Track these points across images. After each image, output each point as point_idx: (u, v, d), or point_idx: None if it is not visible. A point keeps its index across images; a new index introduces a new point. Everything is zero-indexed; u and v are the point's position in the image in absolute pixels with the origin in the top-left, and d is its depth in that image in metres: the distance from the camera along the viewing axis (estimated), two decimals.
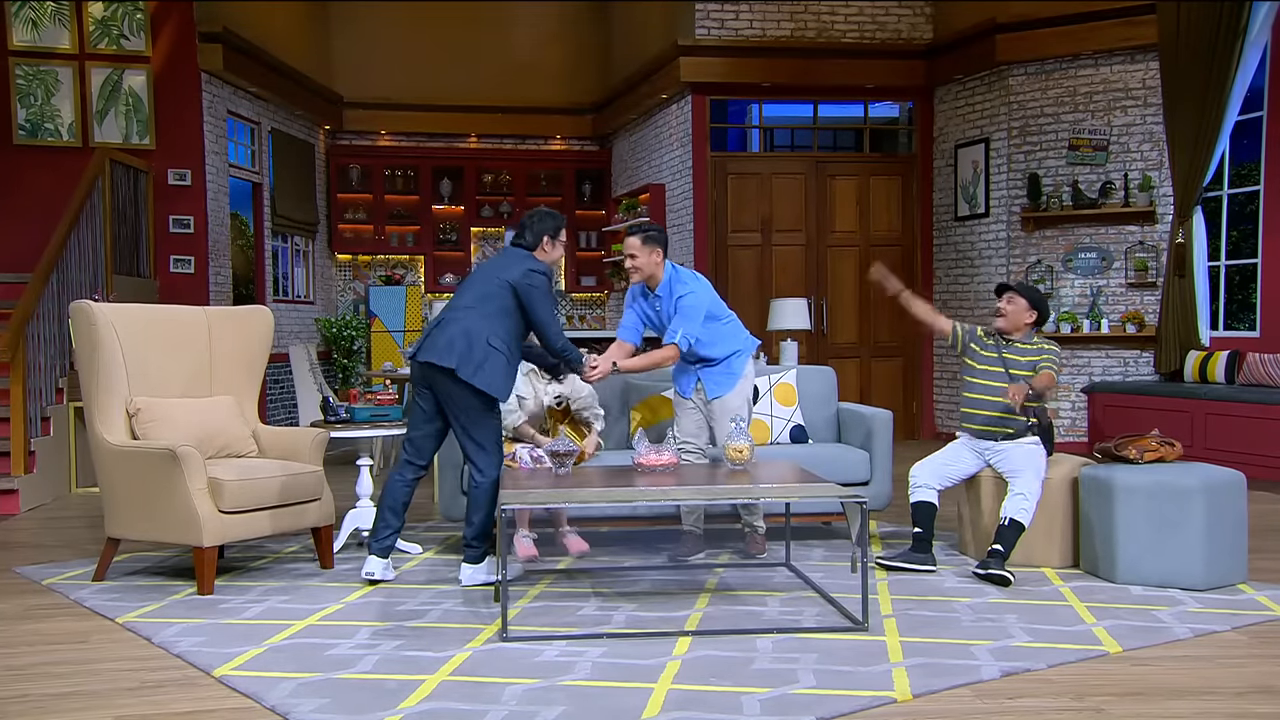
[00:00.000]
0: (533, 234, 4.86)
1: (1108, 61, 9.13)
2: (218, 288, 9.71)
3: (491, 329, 4.64)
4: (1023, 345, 5.16)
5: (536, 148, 13.09)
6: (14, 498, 6.80)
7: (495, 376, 4.62)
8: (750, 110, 11.69)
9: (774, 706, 3.25)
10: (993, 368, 5.15)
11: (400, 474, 4.83)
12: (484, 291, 4.72)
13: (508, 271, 4.73)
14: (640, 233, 5.11)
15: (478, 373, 4.58)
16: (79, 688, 3.52)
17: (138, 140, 9.29)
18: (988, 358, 5.19)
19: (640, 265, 5.10)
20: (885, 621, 4.17)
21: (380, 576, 4.78)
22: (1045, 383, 4.94)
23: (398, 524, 4.81)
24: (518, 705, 3.28)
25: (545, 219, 4.89)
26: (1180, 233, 8.65)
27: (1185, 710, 3.28)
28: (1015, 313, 5.16)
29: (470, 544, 4.77)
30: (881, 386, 10.28)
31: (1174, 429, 7.39)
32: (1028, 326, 5.18)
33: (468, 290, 4.78)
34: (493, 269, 4.81)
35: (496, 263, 4.86)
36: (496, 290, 4.70)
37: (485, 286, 4.73)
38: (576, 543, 5.14)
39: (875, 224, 10.38)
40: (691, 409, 5.26)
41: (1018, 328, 5.17)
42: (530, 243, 4.85)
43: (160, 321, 5.27)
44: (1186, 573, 4.63)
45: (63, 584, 4.87)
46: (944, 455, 5.23)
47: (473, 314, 4.67)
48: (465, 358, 4.58)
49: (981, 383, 5.17)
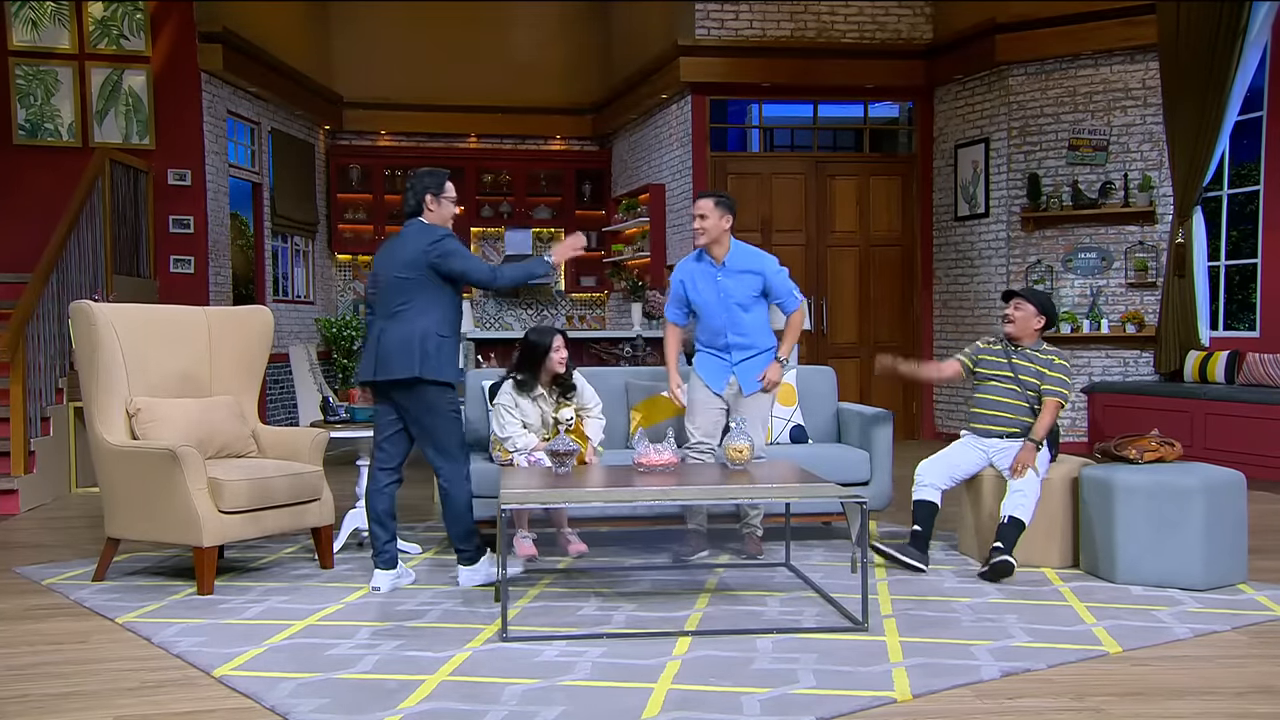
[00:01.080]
0: (415, 198, 4.73)
1: (1107, 61, 9.13)
2: (218, 288, 9.71)
3: (433, 321, 4.57)
4: (1031, 352, 5.16)
5: (536, 148, 13.08)
6: (14, 498, 6.80)
7: (445, 363, 4.59)
8: (750, 110, 11.68)
9: (774, 706, 3.25)
10: (1002, 373, 5.17)
11: (375, 483, 4.77)
12: (400, 289, 4.59)
13: (408, 254, 4.59)
14: (714, 196, 5.11)
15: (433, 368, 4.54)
16: (79, 688, 3.52)
17: (138, 140, 9.29)
18: (997, 364, 5.21)
19: (709, 227, 5.05)
20: (885, 621, 4.17)
21: (391, 587, 4.72)
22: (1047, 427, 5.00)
23: (389, 533, 4.76)
24: (517, 705, 3.27)
25: (422, 178, 4.75)
26: (1180, 233, 8.65)
27: (1185, 710, 3.28)
28: (1023, 319, 5.16)
29: (459, 549, 4.75)
30: (882, 387, 10.26)
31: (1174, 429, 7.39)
32: (1036, 333, 5.19)
33: (385, 295, 4.65)
34: (393, 264, 4.64)
35: (393, 252, 4.70)
36: (413, 281, 4.57)
37: (398, 283, 4.60)
38: (576, 545, 5.14)
39: (875, 224, 10.39)
40: (715, 407, 5.20)
41: (1027, 334, 5.18)
42: (414, 207, 4.73)
43: (160, 321, 5.27)
44: (1186, 573, 4.63)
45: (63, 584, 4.87)
46: (949, 454, 5.23)
47: (406, 314, 4.57)
48: (424, 362, 4.53)
49: (991, 384, 5.19)
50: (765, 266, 5.14)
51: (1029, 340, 5.19)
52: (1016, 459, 4.97)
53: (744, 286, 5.12)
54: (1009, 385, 5.14)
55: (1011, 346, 5.22)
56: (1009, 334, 5.21)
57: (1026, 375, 5.11)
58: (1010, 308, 5.21)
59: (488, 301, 12.84)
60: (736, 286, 5.11)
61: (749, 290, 5.12)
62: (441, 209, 4.73)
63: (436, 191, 4.71)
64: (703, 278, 5.17)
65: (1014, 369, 5.15)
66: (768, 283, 5.13)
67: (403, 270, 4.61)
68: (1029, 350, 5.18)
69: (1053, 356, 5.15)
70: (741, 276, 5.11)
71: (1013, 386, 5.13)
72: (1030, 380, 5.10)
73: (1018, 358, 5.17)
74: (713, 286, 5.13)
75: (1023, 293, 5.21)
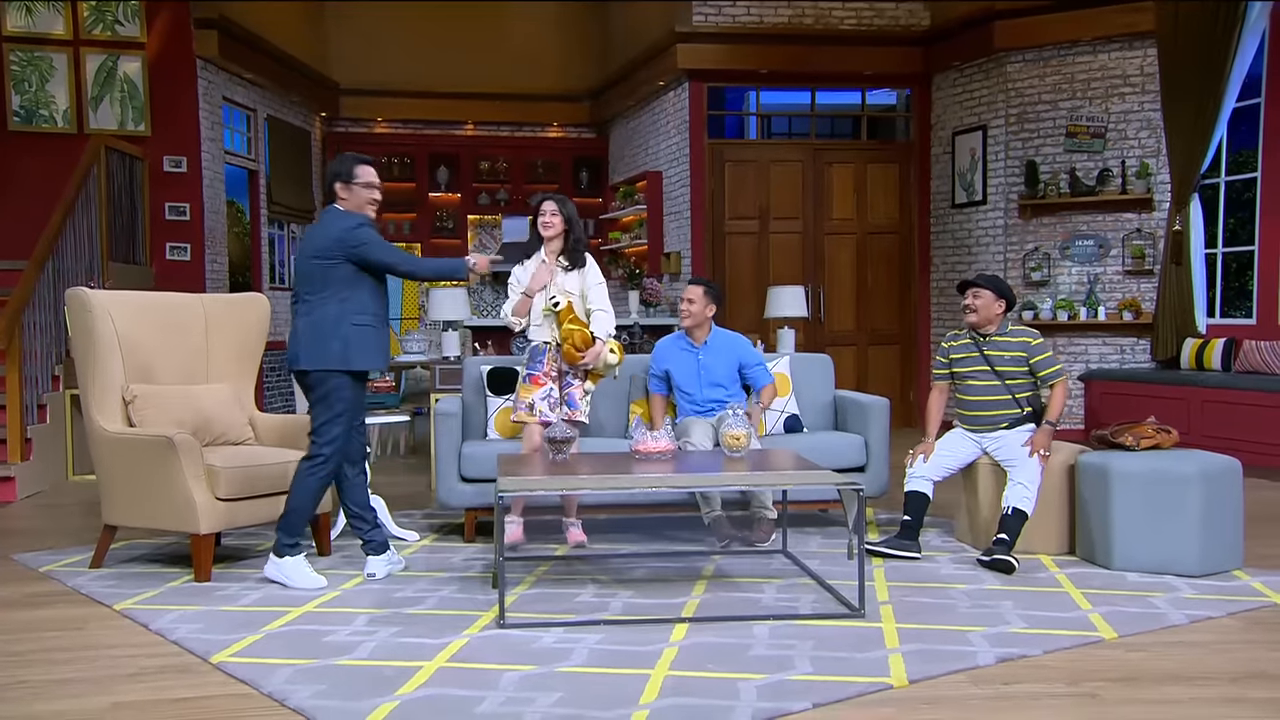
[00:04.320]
0: (326, 185, 4.76)
1: (1105, 48, 9.11)
2: (214, 275, 9.69)
3: (348, 309, 4.54)
4: (1000, 338, 5.16)
5: (533, 135, 13.05)
6: (11, 485, 6.80)
7: (357, 353, 4.56)
8: (748, 97, 11.66)
9: (771, 692, 3.26)
10: (977, 367, 5.17)
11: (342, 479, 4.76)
12: (310, 278, 4.58)
13: (320, 242, 4.57)
14: (704, 284, 5.60)
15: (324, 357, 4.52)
16: (76, 674, 3.53)
17: (133, 127, 9.26)
18: (971, 359, 5.20)
19: (695, 312, 5.54)
20: (882, 608, 4.18)
21: (385, 572, 4.72)
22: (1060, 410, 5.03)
23: (370, 522, 4.78)
24: (515, 691, 3.28)
25: (334, 164, 4.72)
26: (1177, 220, 8.64)
27: (1180, 695, 3.29)
28: (984, 306, 5.15)
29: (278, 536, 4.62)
30: (878, 374, 10.28)
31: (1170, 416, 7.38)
32: (999, 316, 5.18)
33: (300, 283, 4.64)
34: (308, 248, 4.63)
35: (309, 238, 4.70)
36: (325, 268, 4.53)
37: (308, 271, 4.58)
38: (575, 534, 5.16)
39: (873, 211, 10.37)
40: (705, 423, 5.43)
41: (990, 320, 5.17)
42: (327, 194, 4.74)
43: (156, 309, 5.26)
44: (1182, 559, 4.64)
45: (60, 571, 4.87)
46: (941, 445, 5.23)
47: (316, 303, 4.55)
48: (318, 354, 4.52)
49: (970, 384, 5.19)
50: (741, 350, 5.64)
51: (994, 326, 5.18)
52: (1032, 443, 4.96)
53: (722, 365, 5.56)
54: (988, 380, 5.13)
55: (980, 337, 5.21)
56: (973, 324, 5.20)
57: (1004, 365, 5.10)
58: (969, 298, 5.20)
59: (485, 289, 12.82)
60: (715, 365, 5.55)
61: (727, 369, 5.57)
62: (354, 195, 4.67)
63: (346, 179, 4.66)
64: (683, 356, 5.60)
65: (988, 361, 5.14)
66: (743, 362, 5.60)
67: (314, 257, 4.58)
68: (998, 338, 5.16)
69: (1026, 338, 5.14)
70: (720, 357, 5.57)
71: (992, 381, 5.12)
72: (1009, 370, 5.09)
73: (989, 348, 5.15)
74: (694, 365, 5.57)
75: (977, 280, 5.20)
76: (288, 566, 4.58)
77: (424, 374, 9.66)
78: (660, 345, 5.75)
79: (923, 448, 5.23)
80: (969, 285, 5.22)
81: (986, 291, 5.15)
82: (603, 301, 5.21)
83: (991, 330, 5.18)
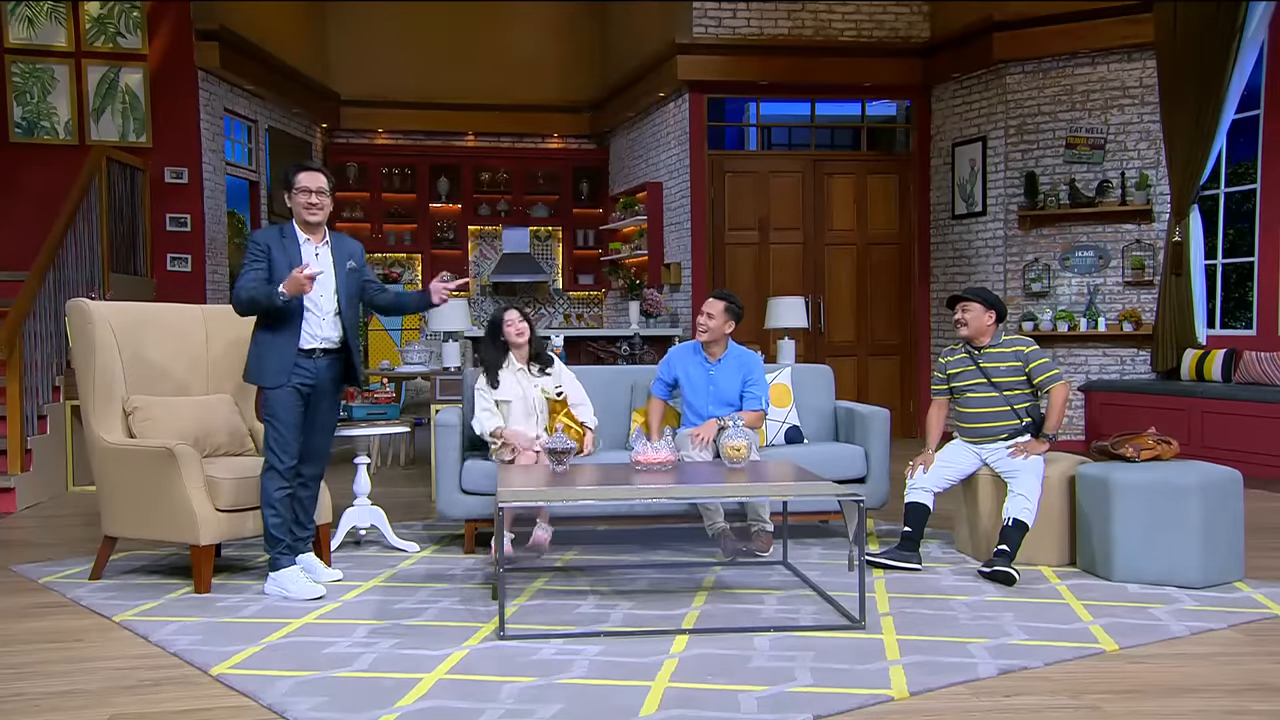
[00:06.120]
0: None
1: (1105, 60, 9.14)
2: (215, 286, 9.70)
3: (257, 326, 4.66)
4: (994, 349, 5.16)
5: (534, 146, 13.08)
6: (11, 496, 6.79)
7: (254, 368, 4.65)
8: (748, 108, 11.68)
9: (771, 704, 3.26)
10: (975, 380, 5.18)
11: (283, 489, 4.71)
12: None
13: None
14: (726, 299, 5.51)
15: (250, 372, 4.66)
16: (75, 686, 3.52)
17: (134, 138, 9.28)
18: (968, 373, 5.21)
19: (713, 326, 5.47)
20: (882, 619, 4.17)
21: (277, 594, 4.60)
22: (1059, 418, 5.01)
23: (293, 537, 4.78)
24: (515, 703, 3.28)
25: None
26: (1177, 231, 8.65)
27: (1182, 708, 3.29)
28: (975, 318, 5.16)
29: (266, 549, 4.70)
30: (879, 385, 10.28)
31: (1171, 427, 7.40)
32: (991, 328, 5.19)
33: None
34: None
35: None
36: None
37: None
38: (538, 534, 5.13)
39: (872, 222, 10.38)
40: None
41: (982, 332, 5.18)
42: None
43: (157, 320, 5.26)
44: (1183, 571, 4.63)
45: (59, 582, 4.86)
46: (941, 457, 5.23)
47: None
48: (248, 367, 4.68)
49: (969, 396, 5.19)
50: (749, 367, 5.53)
51: (987, 337, 5.19)
52: (1024, 447, 4.98)
53: (734, 385, 5.50)
54: (986, 393, 5.14)
55: (975, 350, 5.21)
56: (966, 337, 5.21)
57: (1000, 376, 5.10)
58: (958, 312, 5.21)
59: (486, 300, 12.83)
60: (727, 383, 5.50)
61: (735, 387, 5.50)
62: (293, 202, 4.77)
63: (287, 189, 4.77)
64: (696, 369, 5.55)
65: (985, 373, 5.14)
66: (745, 378, 5.50)
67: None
68: (992, 349, 5.17)
69: (1020, 346, 5.15)
70: (733, 376, 5.49)
71: (990, 393, 5.12)
72: (1005, 380, 5.09)
73: (984, 360, 5.16)
74: (705, 380, 5.52)
75: (966, 294, 5.21)
76: (283, 577, 4.60)
77: (424, 385, 9.67)
78: (674, 351, 5.68)
79: (922, 459, 5.23)
80: (958, 300, 5.23)
81: (975, 304, 5.16)
82: (582, 394, 5.51)
83: (985, 342, 5.18)
